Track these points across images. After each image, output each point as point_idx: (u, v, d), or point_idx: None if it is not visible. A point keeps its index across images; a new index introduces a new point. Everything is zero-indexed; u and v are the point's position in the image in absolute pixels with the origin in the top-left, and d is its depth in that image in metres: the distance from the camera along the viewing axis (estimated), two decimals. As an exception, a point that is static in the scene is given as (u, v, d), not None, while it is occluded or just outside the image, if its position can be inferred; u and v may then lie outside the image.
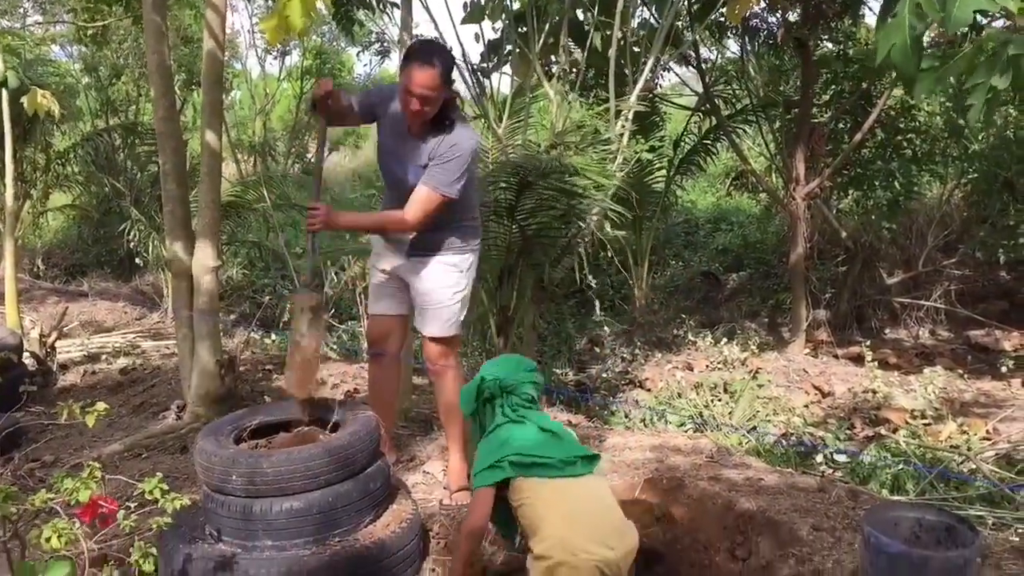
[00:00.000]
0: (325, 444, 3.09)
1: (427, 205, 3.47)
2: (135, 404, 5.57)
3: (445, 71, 3.37)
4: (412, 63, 3.34)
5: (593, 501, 2.74)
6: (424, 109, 3.39)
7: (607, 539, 2.62)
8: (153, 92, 4.88)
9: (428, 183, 3.46)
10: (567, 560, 2.56)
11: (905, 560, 2.63)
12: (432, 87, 3.33)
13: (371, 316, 4.03)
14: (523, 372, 2.96)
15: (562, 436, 2.87)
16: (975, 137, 10.87)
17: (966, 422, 6.79)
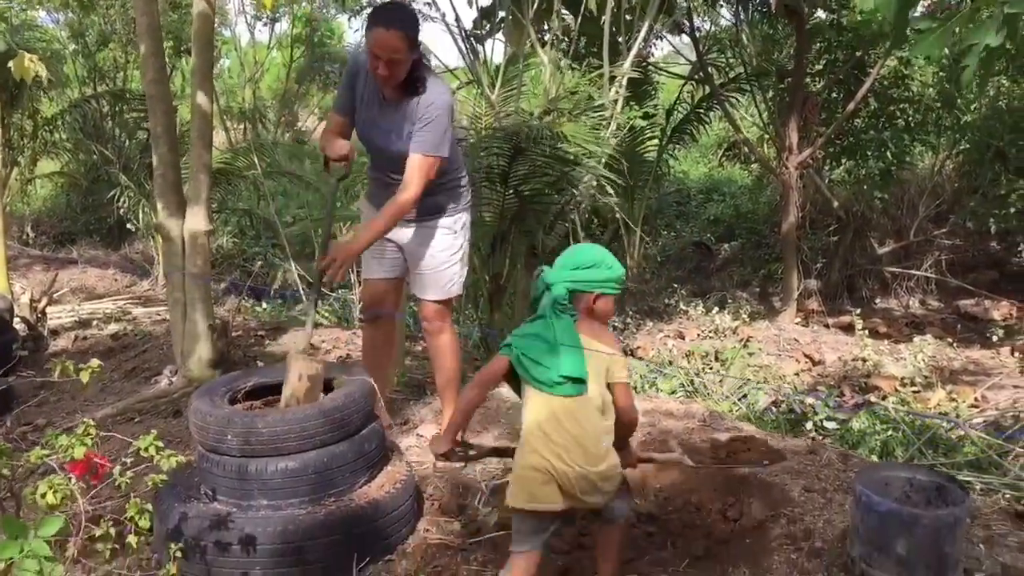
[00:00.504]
0: (320, 405, 3.09)
1: (424, 171, 3.42)
2: (127, 369, 5.56)
3: (410, 32, 3.31)
4: (375, 27, 3.27)
5: (568, 421, 2.63)
6: (392, 73, 3.33)
7: (569, 454, 2.58)
8: (143, 54, 4.81)
9: (418, 149, 3.41)
10: (526, 464, 2.61)
11: (896, 518, 2.66)
12: (397, 49, 3.27)
13: (365, 280, 4.01)
14: (567, 271, 2.74)
15: (562, 352, 2.67)
16: (967, 107, 10.87)
17: (955, 390, 6.84)
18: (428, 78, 3.47)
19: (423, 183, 3.43)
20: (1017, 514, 3.50)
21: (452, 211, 3.71)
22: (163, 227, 4.84)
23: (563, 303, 2.72)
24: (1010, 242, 10.61)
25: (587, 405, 2.64)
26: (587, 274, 2.73)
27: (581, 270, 2.74)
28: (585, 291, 2.73)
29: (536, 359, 2.67)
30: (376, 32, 3.27)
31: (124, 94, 11.79)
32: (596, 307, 2.75)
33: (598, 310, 2.76)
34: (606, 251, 2.85)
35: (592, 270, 2.74)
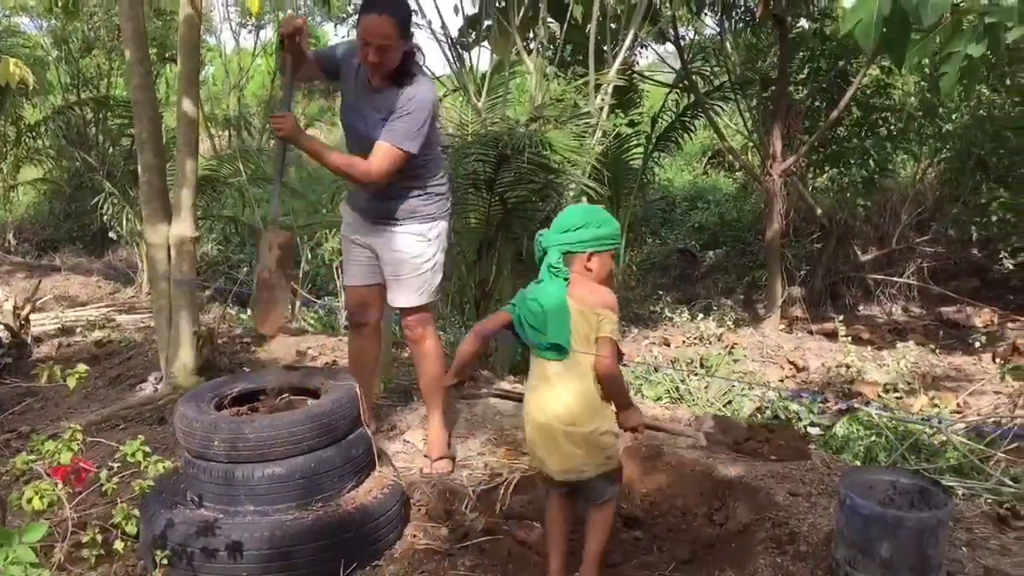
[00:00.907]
0: (307, 410, 3.10)
1: (388, 159, 3.38)
2: (111, 376, 5.53)
3: (402, 20, 3.30)
4: (367, 13, 3.28)
5: (558, 382, 2.76)
6: (381, 60, 3.32)
7: (551, 408, 2.75)
8: (128, 60, 4.79)
9: (387, 137, 3.38)
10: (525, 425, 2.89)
11: (880, 521, 2.69)
12: (387, 36, 3.27)
13: (347, 287, 4.00)
14: (558, 234, 2.78)
15: (549, 318, 2.74)
16: (949, 116, 10.97)
17: (937, 395, 6.90)
18: (416, 74, 3.47)
19: (384, 171, 3.40)
20: (999, 517, 3.55)
21: (427, 218, 3.67)
22: (149, 233, 4.83)
23: (557, 266, 2.76)
24: (991, 250, 10.71)
25: (574, 368, 2.72)
26: (577, 235, 2.76)
27: (571, 232, 2.77)
28: (577, 251, 2.77)
29: (531, 323, 2.75)
30: (367, 18, 3.27)
31: (108, 101, 11.72)
32: (591, 266, 2.78)
33: (594, 269, 2.78)
34: (597, 209, 2.90)
35: (582, 230, 2.76)
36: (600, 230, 2.77)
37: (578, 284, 2.76)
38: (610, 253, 2.82)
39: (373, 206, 3.66)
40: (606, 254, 2.81)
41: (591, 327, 2.72)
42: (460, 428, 4.27)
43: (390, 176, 3.45)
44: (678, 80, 11.22)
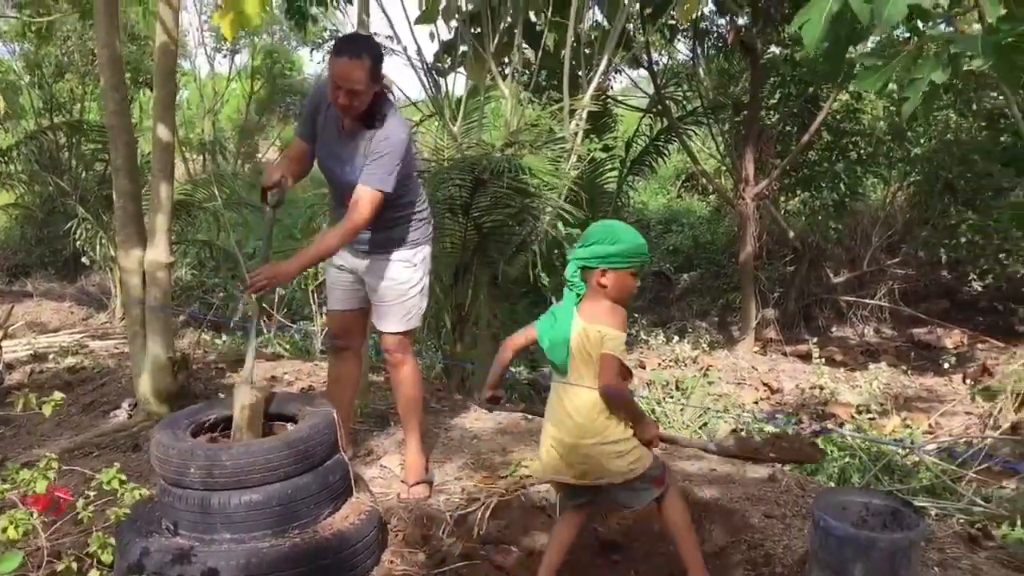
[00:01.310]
0: (284, 437, 3.09)
1: (367, 204, 3.40)
2: (85, 403, 5.47)
3: (372, 65, 3.32)
4: (338, 57, 3.30)
5: (565, 397, 2.83)
6: (352, 104, 3.35)
7: (564, 425, 2.82)
8: (103, 86, 4.80)
9: (364, 181, 3.40)
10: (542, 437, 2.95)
11: (853, 542, 2.72)
12: (358, 80, 3.29)
13: (330, 312, 4.01)
14: (578, 248, 2.84)
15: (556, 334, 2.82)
16: (918, 140, 11.17)
17: (909, 416, 6.99)
18: (388, 113, 3.48)
19: (366, 217, 3.42)
20: (970, 537, 3.59)
21: (412, 244, 3.72)
22: (123, 259, 4.80)
23: (572, 280, 2.83)
24: (961, 272, 10.88)
25: (579, 382, 2.78)
26: (590, 250, 2.79)
27: (586, 247, 2.80)
28: (591, 267, 2.79)
29: (551, 340, 2.83)
30: (338, 62, 3.29)
31: (81, 125, 11.66)
32: (604, 282, 2.78)
33: (608, 285, 2.78)
34: (617, 225, 2.87)
35: (595, 246, 2.78)
36: (613, 247, 2.76)
37: (589, 300, 2.81)
38: (629, 271, 2.80)
39: (364, 236, 3.67)
40: (623, 272, 2.78)
41: (592, 344, 2.75)
42: (437, 453, 4.27)
43: (372, 218, 3.46)
44: (652, 105, 11.35)
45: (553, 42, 7.96)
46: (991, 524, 4.35)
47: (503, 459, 4.17)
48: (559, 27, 7.74)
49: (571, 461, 2.83)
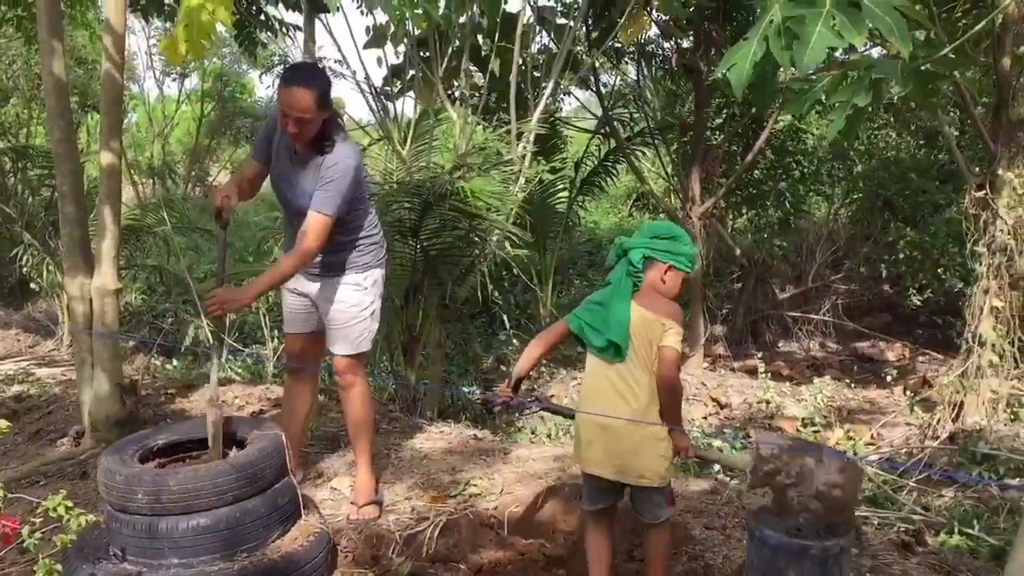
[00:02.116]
0: (232, 460, 3.12)
1: (317, 230, 3.48)
2: (31, 432, 5.42)
3: (320, 93, 3.40)
4: (286, 86, 3.38)
5: (619, 383, 2.89)
6: (301, 131, 3.42)
7: (616, 411, 2.86)
8: (49, 112, 4.80)
9: (314, 208, 3.48)
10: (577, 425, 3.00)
11: (786, 550, 2.82)
12: (306, 108, 3.36)
13: (286, 335, 4.07)
14: (647, 238, 2.93)
15: (612, 318, 2.89)
16: (859, 159, 11.48)
17: (852, 428, 7.16)
18: (337, 139, 3.56)
19: (316, 243, 3.49)
20: (903, 544, 3.72)
21: (362, 267, 3.78)
22: (69, 286, 4.79)
23: (637, 267, 2.89)
24: (902, 286, 11.18)
25: (633, 371, 2.85)
26: (666, 244, 2.89)
27: (661, 239, 2.91)
28: (659, 260, 2.90)
29: (590, 322, 2.89)
30: (286, 90, 3.37)
31: (27, 151, 11.53)
32: (666, 279, 2.90)
33: (668, 283, 2.90)
34: (684, 230, 3.03)
35: (671, 241, 2.90)
36: (686, 248, 2.92)
37: (648, 292, 2.89)
38: (683, 276, 2.93)
39: (315, 260, 3.72)
40: (681, 273, 2.92)
41: (654, 334, 2.84)
42: (387, 473, 4.32)
43: (324, 243, 3.54)
44: (600, 126, 11.52)
45: (499, 67, 8.08)
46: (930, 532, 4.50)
47: (452, 478, 4.22)
48: (507, 51, 7.87)
49: (618, 451, 2.87)
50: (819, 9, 2.51)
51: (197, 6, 3.78)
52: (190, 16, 3.81)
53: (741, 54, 2.59)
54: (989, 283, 6.43)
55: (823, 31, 2.47)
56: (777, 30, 2.51)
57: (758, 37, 2.52)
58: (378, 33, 7.92)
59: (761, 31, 2.56)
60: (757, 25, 2.61)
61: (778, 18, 2.53)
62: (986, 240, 6.42)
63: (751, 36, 2.56)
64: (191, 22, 3.77)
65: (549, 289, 10.61)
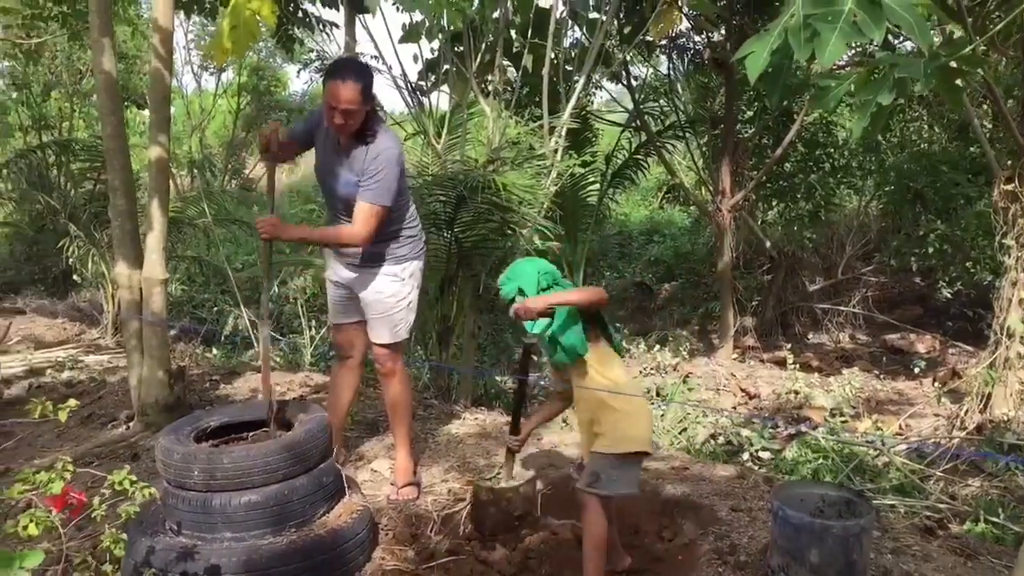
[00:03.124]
0: (281, 440, 3.29)
1: (369, 218, 3.66)
2: (83, 415, 5.64)
3: (364, 86, 3.56)
4: (333, 79, 3.55)
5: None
6: (347, 123, 3.59)
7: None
8: (100, 110, 5.01)
9: (364, 198, 3.65)
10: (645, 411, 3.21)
11: (808, 529, 2.96)
12: (352, 101, 3.53)
13: (333, 326, 4.26)
14: (553, 268, 3.28)
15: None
16: (891, 152, 11.47)
17: (880, 419, 7.23)
18: (379, 130, 3.72)
19: (368, 230, 3.67)
20: (926, 528, 3.83)
21: (401, 259, 3.93)
22: (120, 276, 4.99)
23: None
24: (933, 279, 11.16)
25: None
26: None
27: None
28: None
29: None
30: (332, 84, 3.53)
31: (70, 144, 11.82)
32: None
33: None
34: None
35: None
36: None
37: None
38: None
39: (350, 251, 3.91)
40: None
41: None
42: (424, 457, 4.48)
43: (375, 232, 3.72)
44: (631, 120, 11.61)
45: (532, 62, 8.20)
46: (955, 520, 4.59)
47: (487, 461, 4.38)
48: (538, 46, 7.99)
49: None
50: (840, 8, 2.62)
51: (242, 5, 3.97)
52: (236, 15, 3.99)
53: (759, 44, 2.69)
54: (1018, 275, 6.46)
55: (843, 27, 2.57)
56: (797, 25, 2.61)
57: (778, 30, 2.61)
58: (413, 29, 8.06)
59: (781, 24, 2.66)
60: (778, 19, 2.72)
61: (799, 14, 2.63)
62: (1015, 233, 6.45)
63: (771, 28, 2.65)
64: (237, 21, 3.96)
65: (580, 280, 10.74)
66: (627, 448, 3.08)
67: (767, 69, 2.69)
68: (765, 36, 2.67)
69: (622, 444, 3.09)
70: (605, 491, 3.09)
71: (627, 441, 3.09)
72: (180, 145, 18.74)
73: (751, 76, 2.62)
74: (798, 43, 2.54)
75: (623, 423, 3.10)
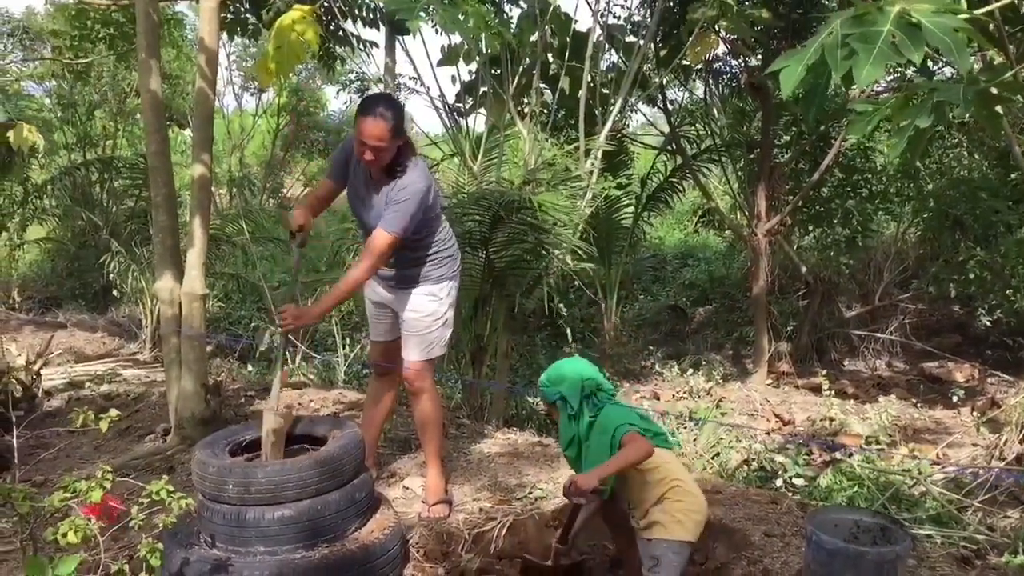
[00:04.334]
0: (315, 456, 3.32)
1: (380, 246, 3.71)
2: (120, 428, 5.72)
3: (395, 122, 3.62)
4: (363, 116, 3.61)
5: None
6: (376, 158, 3.65)
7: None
8: (145, 129, 5.13)
9: (382, 225, 3.71)
10: (703, 501, 3.14)
11: (842, 555, 2.92)
12: (381, 138, 3.59)
13: (371, 342, 4.34)
14: (598, 372, 3.32)
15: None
16: (930, 179, 11.37)
17: (917, 447, 7.12)
18: (409, 164, 3.77)
19: (377, 257, 3.72)
20: (963, 558, 3.76)
21: (438, 279, 3.99)
22: (161, 291, 5.08)
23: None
24: (971, 306, 11.01)
25: None
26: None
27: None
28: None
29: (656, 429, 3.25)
30: (363, 121, 3.60)
31: (113, 162, 12.07)
32: None
33: None
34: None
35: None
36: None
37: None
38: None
39: (391, 273, 3.99)
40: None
41: None
42: (456, 475, 4.49)
43: (389, 256, 3.80)
44: (667, 143, 11.62)
45: (569, 85, 8.26)
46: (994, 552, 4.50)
47: (518, 481, 4.38)
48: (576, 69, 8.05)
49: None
50: (879, 28, 2.61)
51: (287, 28, 4.06)
52: (280, 37, 4.08)
53: (795, 59, 2.69)
54: (1059, 304, 6.37)
55: (882, 48, 2.56)
56: (835, 43, 2.61)
57: (815, 46, 2.61)
58: (452, 52, 8.17)
59: (819, 41, 2.66)
60: (815, 36, 2.72)
61: (838, 32, 2.63)
62: (1055, 261, 6.37)
63: (808, 44, 2.65)
64: (281, 43, 4.05)
65: (613, 303, 10.74)
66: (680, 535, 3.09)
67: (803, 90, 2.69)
68: (801, 51, 2.66)
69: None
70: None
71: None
72: (220, 163, 19.00)
73: (784, 91, 2.61)
74: (835, 61, 2.53)
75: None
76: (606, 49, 9.49)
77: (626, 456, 3.04)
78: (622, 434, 3.07)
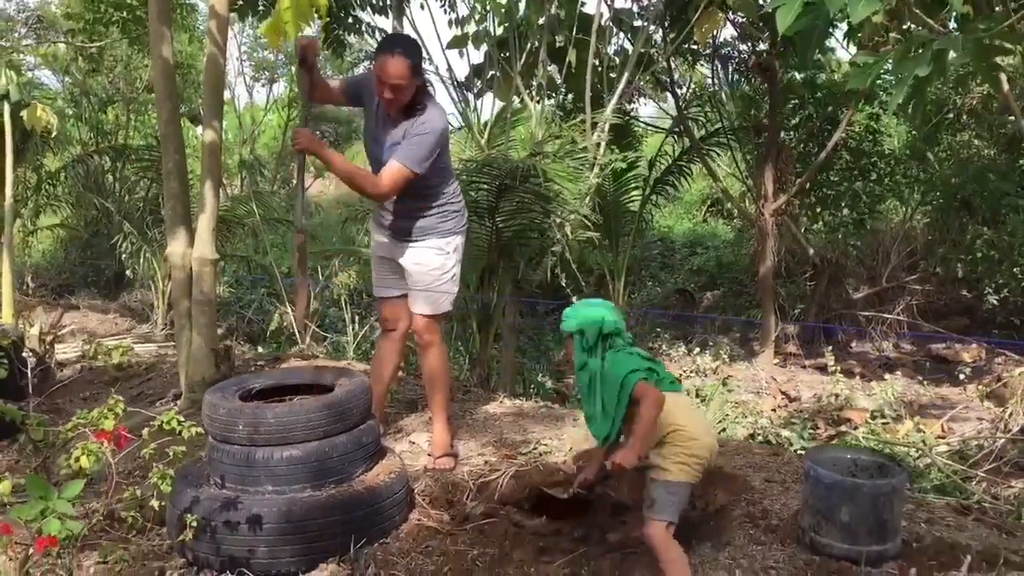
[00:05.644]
0: (323, 399, 3.40)
1: (396, 177, 3.72)
2: (132, 395, 5.80)
3: (414, 61, 3.67)
4: (382, 54, 3.66)
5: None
6: (396, 97, 3.69)
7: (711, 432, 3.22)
8: (157, 96, 5.22)
9: (397, 157, 3.72)
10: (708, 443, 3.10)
11: (839, 488, 2.98)
12: (401, 76, 3.63)
13: (379, 299, 4.36)
14: (621, 319, 3.33)
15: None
16: (939, 163, 11.38)
17: (922, 421, 7.14)
18: (428, 104, 3.82)
19: (389, 187, 3.75)
20: (961, 507, 3.82)
21: (445, 233, 4.03)
22: (172, 256, 5.16)
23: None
24: (979, 289, 11.02)
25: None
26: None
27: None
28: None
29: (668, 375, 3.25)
30: (382, 58, 3.65)
31: (125, 150, 12.16)
32: None
33: None
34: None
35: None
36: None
37: None
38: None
39: (396, 225, 4.04)
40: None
41: None
42: (462, 433, 4.55)
43: (396, 193, 3.82)
44: (674, 125, 11.64)
45: (575, 59, 8.30)
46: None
47: (523, 438, 4.45)
48: (582, 44, 8.09)
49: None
50: (874, -33, 2.66)
51: (299, -11, 4.12)
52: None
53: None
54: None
55: (877, -17, 2.62)
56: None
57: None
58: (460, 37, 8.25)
59: (815, -22, 2.71)
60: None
61: (834, -31, 2.67)
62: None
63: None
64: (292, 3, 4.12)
65: (621, 287, 10.77)
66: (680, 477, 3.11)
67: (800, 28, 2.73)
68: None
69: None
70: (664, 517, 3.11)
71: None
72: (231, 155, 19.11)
73: (781, 27, 2.66)
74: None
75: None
76: (614, 32, 9.53)
77: (650, 416, 3.04)
78: (633, 382, 3.11)
